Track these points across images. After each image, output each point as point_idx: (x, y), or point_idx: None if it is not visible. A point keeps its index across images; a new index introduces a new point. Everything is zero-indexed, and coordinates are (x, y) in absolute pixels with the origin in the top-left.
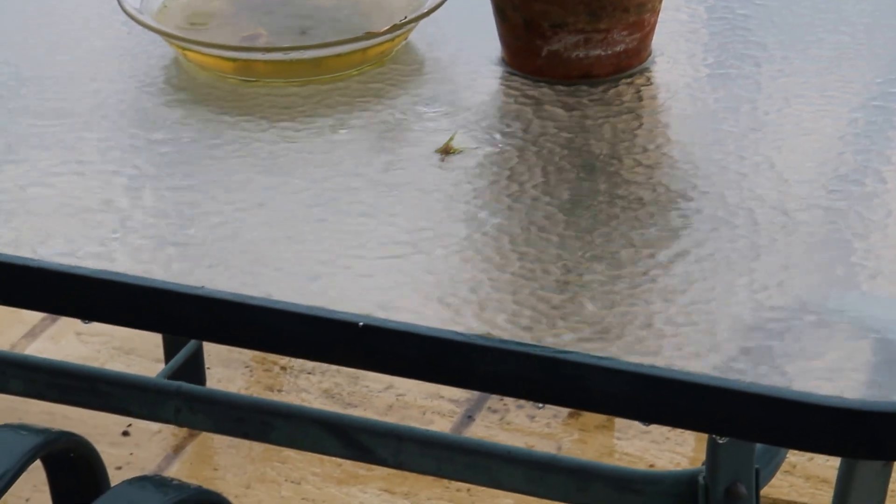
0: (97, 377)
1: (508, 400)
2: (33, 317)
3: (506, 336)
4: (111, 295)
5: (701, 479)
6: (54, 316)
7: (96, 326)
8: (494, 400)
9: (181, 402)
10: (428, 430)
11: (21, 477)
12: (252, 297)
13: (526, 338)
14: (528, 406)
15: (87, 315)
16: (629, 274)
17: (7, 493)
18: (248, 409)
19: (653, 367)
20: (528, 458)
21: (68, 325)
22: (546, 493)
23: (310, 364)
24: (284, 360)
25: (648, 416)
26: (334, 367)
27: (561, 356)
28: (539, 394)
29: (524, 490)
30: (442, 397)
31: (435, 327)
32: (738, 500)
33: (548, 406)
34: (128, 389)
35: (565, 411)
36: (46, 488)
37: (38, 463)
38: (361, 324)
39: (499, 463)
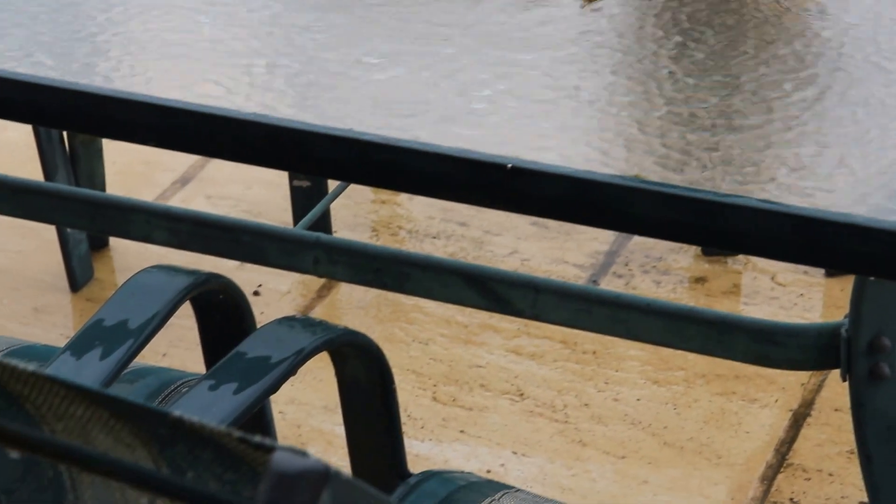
0: (239, 228)
1: (633, 265)
2: (165, 179)
3: (655, 178)
4: (263, 138)
5: (843, 331)
6: (185, 179)
7: (226, 189)
8: (619, 265)
9: (320, 253)
10: (565, 282)
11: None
12: (400, 140)
13: (676, 180)
14: (654, 272)
15: (239, 157)
16: (781, 118)
17: (144, 349)
18: (386, 260)
19: (808, 208)
20: (667, 310)
21: (198, 188)
22: (684, 345)
23: (434, 228)
24: (410, 225)
25: (803, 257)
26: (459, 232)
27: (714, 198)
28: (691, 237)
29: (662, 341)
30: (566, 262)
31: (583, 169)
32: (882, 352)
33: (672, 271)
34: (268, 240)
35: (690, 277)
36: (183, 344)
37: (174, 319)
38: (510, 166)
39: (637, 314)
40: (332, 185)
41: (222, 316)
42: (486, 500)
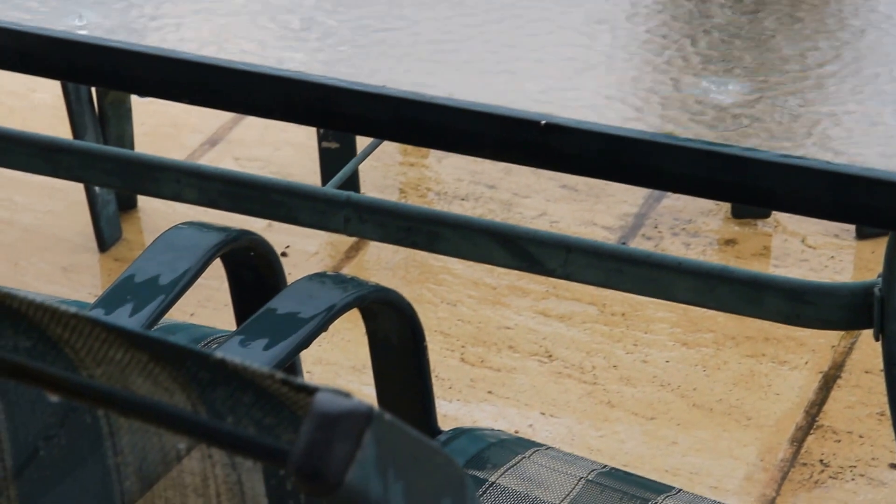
0: (269, 186)
1: (663, 227)
2: (193, 140)
3: (690, 135)
4: (296, 94)
5: (877, 290)
6: (214, 140)
7: (255, 151)
8: (648, 227)
9: (350, 212)
10: (597, 241)
11: (187, 292)
12: (433, 97)
13: (710, 137)
14: (683, 234)
15: (272, 114)
16: (816, 74)
17: (172, 308)
18: (416, 219)
19: (843, 164)
20: (699, 269)
21: (227, 150)
22: (716, 304)
23: (463, 190)
24: (439, 187)
25: (838, 214)
26: (488, 194)
27: (748, 155)
28: (725, 193)
29: (693, 301)
30: (595, 224)
31: (617, 125)
32: None
33: (702, 233)
34: (298, 199)
35: (720, 239)
36: (211, 304)
37: (202, 279)
38: (543, 122)
39: (669, 274)
40: (361, 147)
41: (253, 273)
42: (517, 457)
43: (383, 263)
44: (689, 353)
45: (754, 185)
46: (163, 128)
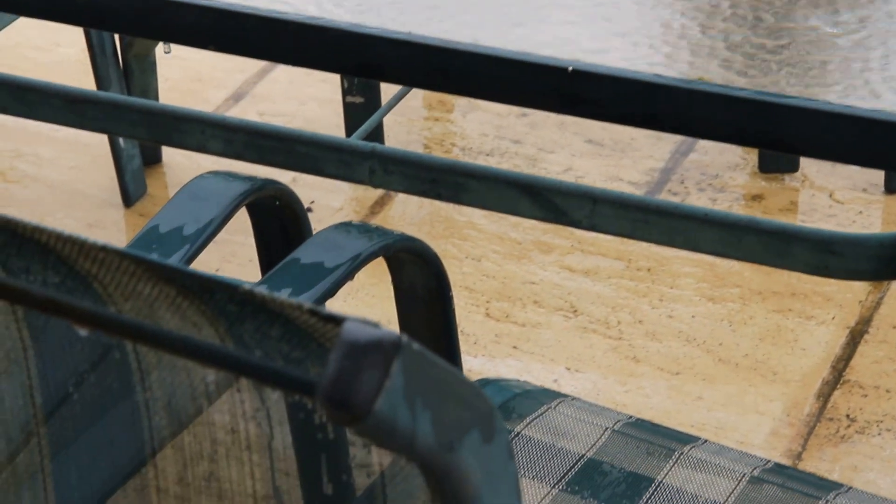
0: (294, 138)
1: (689, 183)
2: (217, 95)
3: (719, 81)
4: (322, 41)
5: None
6: (238, 95)
7: (279, 106)
8: (675, 182)
9: (376, 163)
10: (623, 193)
11: (209, 247)
12: (460, 43)
13: (740, 83)
14: (710, 189)
15: (298, 61)
16: (848, 20)
17: (196, 262)
18: (442, 170)
19: (875, 111)
20: (726, 220)
21: (251, 105)
22: (743, 256)
23: (488, 146)
24: (463, 142)
25: (870, 160)
26: (513, 149)
27: (779, 101)
28: (755, 140)
29: (720, 252)
30: (621, 179)
31: (646, 72)
32: None
33: (728, 189)
34: (323, 150)
35: (747, 194)
36: (235, 259)
37: (227, 235)
38: (571, 68)
39: (695, 225)
40: (386, 103)
41: (278, 223)
42: (543, 407)
43: (408, 218)
44: (715, 309)
45: (784, 131)
46: (187, 83)
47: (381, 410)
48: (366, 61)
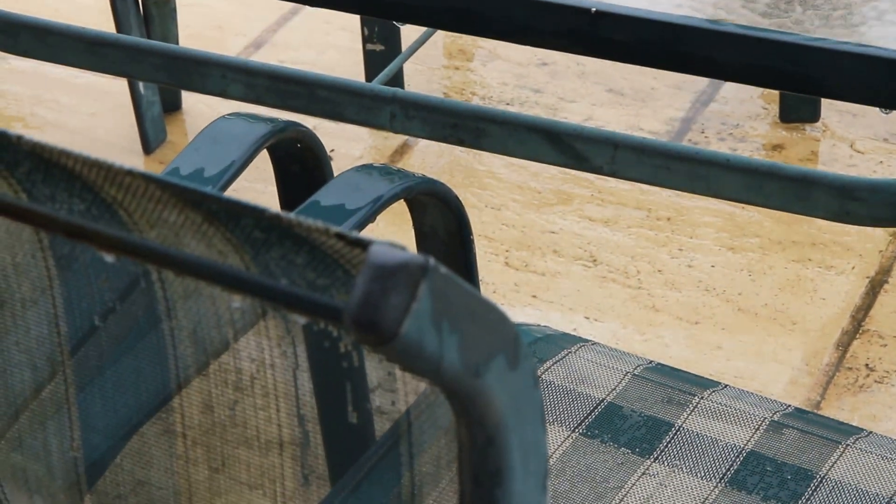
0: (315, 82)
1: (710, 132)
2: (237, 43)
3: (743, 22)
4: None
5: None
6: (258, 43)
7: (299, 54)
8: (695, 132)
9: (396, 108)
10: (645, 138)
11: (227, 195)
12: None
13: (764, 24)
14: (730, 139)
15: (323, 3)
16: None
17: None
18: (463, 116)
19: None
20: (748, 166)
21: (271, 53)
22: (764, 202)
23: (508, 95)
24: (483, 91)
25: (888, 101)
26: (533, 99)
27: (803, 42)
28: (779, 82)
29: (742, 198)
30: (641, 129)
31: (670, 13)
32: None
33: (749, 138)
34: (344, 94)
35: (767, 144)
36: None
37: (247, 182)
38: (594, 10)
39: (717, 170)
40: (405, 48)
41: (300, 166)
42: (563, 351)
43: (428, 167)
44: (734, 258)
45: (807, 72)
46: (207, 30)
47: (408, 333)
48: (390, 2)
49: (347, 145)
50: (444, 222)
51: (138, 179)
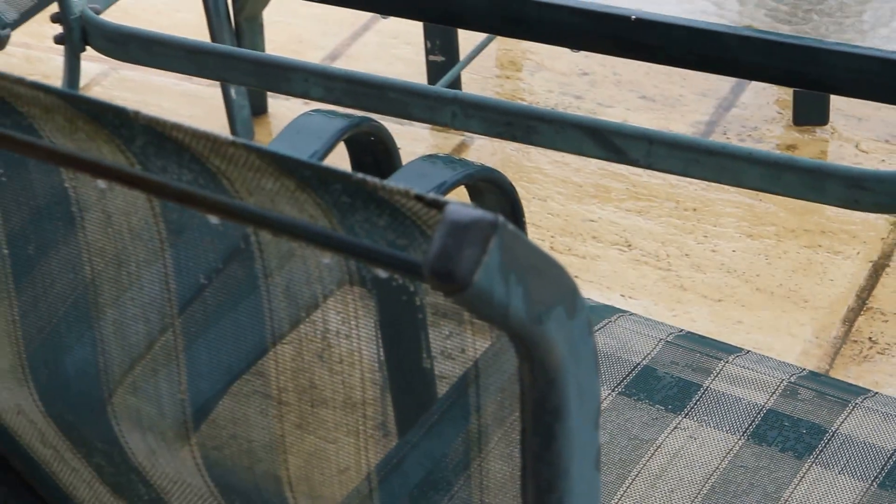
0: (386, 86)
1: (731, 134)
2: (315, 55)
3: (765, 28)
4: None
5: None
6: (334, 55)
7: (369, 65)
8: (718, 134)
9: (457, 108)
10: (677, 134)
11: None
12: None
13: (784, 30)
14: (749, 140)
15: (392, 12)
16: None
17: None
18: (516, 115)
19: None
20: (767, 159)
21: (345, 64)
22: (782, 191)
23: (553, 101)
24: (531, 97)
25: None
26: (575, 104)
27: (819, 45)
28: (797, 81)
29: (763, 187)
30: (671, 131)
31: (701, 20)
32: None
33: (765, 139)
34: (411, 96)
35: (782, 144)
36: None
37: None
38: (634, 17)
39: (740, 163)
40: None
41: (372, 157)
42: (604, 321)
43: (482, 163)
44: (753, 244)
45: (823, 72)
46: (289, 44)
47: (480, 283)
48: (448, 9)
49: (411, 145)
50: (499, 206)
51: (240, 149)
